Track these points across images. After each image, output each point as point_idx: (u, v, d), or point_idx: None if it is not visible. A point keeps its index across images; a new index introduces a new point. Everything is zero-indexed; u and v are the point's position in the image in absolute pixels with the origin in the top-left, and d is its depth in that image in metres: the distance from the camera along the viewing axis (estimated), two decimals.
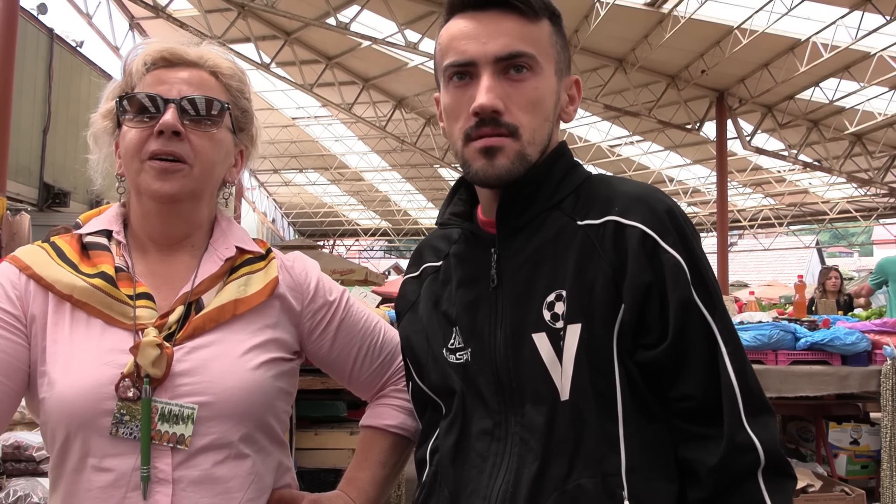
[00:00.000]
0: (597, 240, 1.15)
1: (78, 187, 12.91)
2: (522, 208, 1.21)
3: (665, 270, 1.11)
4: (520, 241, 1.21)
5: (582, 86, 1.30)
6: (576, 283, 1.14)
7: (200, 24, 15.58)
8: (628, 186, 1.20)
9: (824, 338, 3.81)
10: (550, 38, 1.21)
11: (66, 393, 1.16)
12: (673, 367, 1.11)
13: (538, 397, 1.14)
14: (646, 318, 1.11)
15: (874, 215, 27.03)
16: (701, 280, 1.12)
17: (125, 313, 1.21)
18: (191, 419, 1.17)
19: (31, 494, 2.23)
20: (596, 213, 1.17)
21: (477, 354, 1.20)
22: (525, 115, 1.17)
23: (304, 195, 33.26)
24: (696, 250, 1.14)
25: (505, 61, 1.16)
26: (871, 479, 4.18)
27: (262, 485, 1.25)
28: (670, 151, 23.54)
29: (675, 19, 14.04)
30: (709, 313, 1.11)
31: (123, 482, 1.15)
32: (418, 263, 1.39)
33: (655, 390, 1.13)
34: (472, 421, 1.21)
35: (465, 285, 1.25)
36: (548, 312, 1.15)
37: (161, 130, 1.22)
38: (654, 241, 1.12)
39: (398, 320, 1.41)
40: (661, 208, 1.15)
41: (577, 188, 1.22)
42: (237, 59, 1.39)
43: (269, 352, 1.27)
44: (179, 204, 1.28)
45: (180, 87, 1.26)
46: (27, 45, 11.19)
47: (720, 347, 1.11)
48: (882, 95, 17.30)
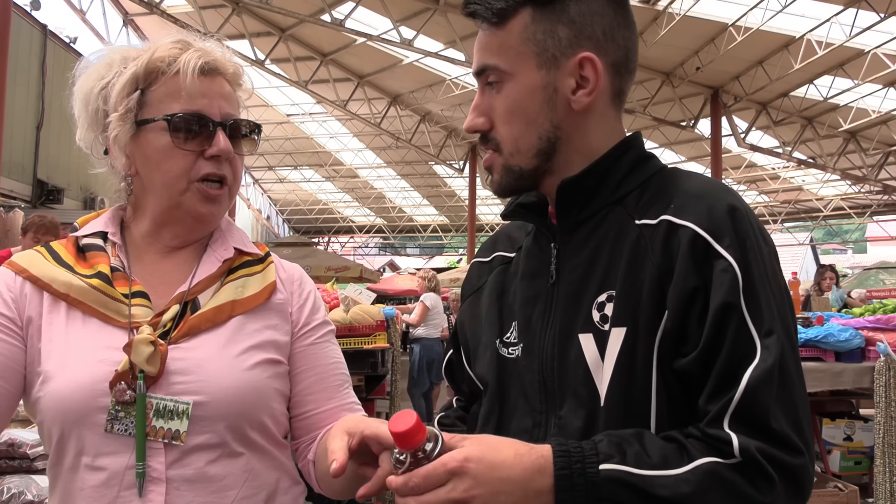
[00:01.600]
0: (650, 240, 1.07)
1: (71, 184, 12.87)
2: (584, 202, 1.16)
3: (714, 274, 1.01)
4: (580, 237, 1.16)
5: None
6: (625, 284, 1.07)
7: (195, 20, 15.52)
8: (692, 183, 1.12)
9: (818, 334, 3.82)
10: (524, 32, 1.13)
11: (61, 390, 1.16)
12: (700, 378, 1.02)
13: (578, 400, 1.09)
14: (687, 324, 1.02)
15: (868, 212, 27.12)
16: (753, 288, 1.01)
17: (120, 311, 1.21)
18: (186, 414, 1.17)
19: (25, 492, 2.22)
20: (654, 211, 1.10)
21: (527, 351, 1.17)
22: (504, 126, 1.16)
23: (298, 192, 33.21)
24: (756, 255, 1.03)
25: (480, 76, 1.18)
26: (864, 476, 4.20)
27: (258, 482, 1.24)
28: (665, 149, 23.55)
29: (670, 16, 14.06)
30: (754, 325, 1.00)
31: (116, 481, 1.14)
32: (492, 250, 1.36)
33: (692, 402, 1.04)
34: (513, 418, 1.18)
35: (528, 279, 1.22)
36: (597, 313, 1.10)
37: (215, 155, 1.24)
38: (705, 243, 1.03)
39: (462, 302, 1.38)
40: (721, 207, 1.05)
41: (645, 182, 1.15)
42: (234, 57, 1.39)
43: (265, 352, 1.27)
44: (214, 221, 1.32)
45: (220, 102, 1.27)
46: (20, 42, 11.15)
47: (751, 364, 0.99)
48: (876, 93, 17.34)
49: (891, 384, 3.63)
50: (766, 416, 0.98)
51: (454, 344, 1.38)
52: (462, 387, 1.38)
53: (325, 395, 1.35)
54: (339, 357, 1.41)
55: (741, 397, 0.98)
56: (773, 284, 1.05)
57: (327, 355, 1.38)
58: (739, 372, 0.99)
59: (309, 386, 1.34)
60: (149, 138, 1.24)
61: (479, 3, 1.15)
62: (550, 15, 1.13)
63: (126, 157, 1.27)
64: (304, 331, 1.36)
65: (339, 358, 1.41)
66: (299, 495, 1.34)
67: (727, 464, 0.97)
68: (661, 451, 0.99)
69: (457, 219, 33.34)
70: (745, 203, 1.08)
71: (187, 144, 1.23)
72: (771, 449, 0.97)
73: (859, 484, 3.94)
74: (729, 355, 1.00)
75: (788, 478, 0.98)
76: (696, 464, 0.97)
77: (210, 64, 1.26)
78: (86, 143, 1.32)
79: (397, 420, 0.95)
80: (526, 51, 1.13)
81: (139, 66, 1.24)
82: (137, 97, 1.24)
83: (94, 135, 1.30)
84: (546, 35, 1.13)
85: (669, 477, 0.96)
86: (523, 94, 1.14)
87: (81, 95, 1.30)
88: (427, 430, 0.96)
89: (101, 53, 1.32)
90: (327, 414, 1.34)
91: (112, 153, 1.28)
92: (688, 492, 0.96)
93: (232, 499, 1.20)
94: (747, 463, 0.97)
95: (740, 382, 0.98)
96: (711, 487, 0.96)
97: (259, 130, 1.34)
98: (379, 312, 4.84)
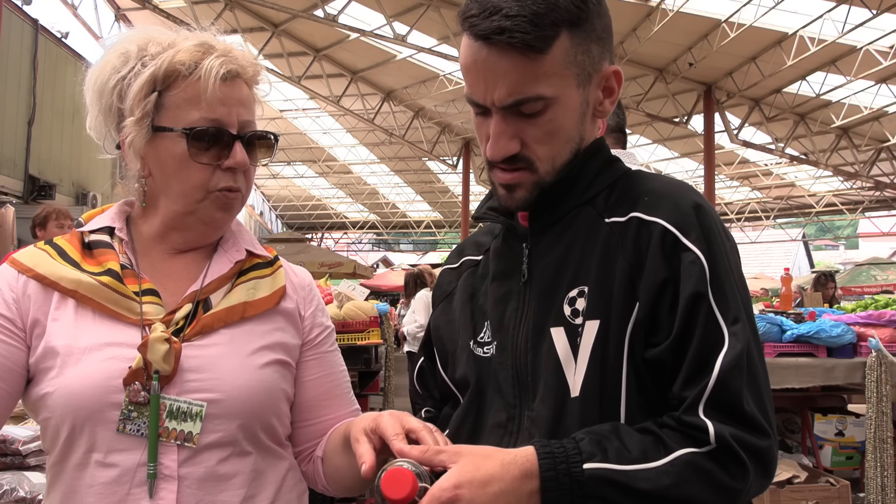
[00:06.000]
0: (620, 236, 1.13)
1: (63, 179, 12.81)
2: (555, 204, 1.19)
3: (682, 266, 1.07)
4: (551, 237, 1.20)
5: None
6: (597, 279, 1.12)
7: (187, 15, 15.46)
8: (658, 183, 1.17)
9: (810, 330, 3.83)
10: (566, 56, 1.10)
11: (73, 386, 1.15)
12: (673, 366, 1.07)
13: (549, 392, 1.13)
14: (658, 315, 1.08)
15: (860, 208, 27.22)
16: (719, 279, 1.07)
17: (132, 309, 1.21)
18: (199, 416, 1.17)
19: (18, 488, 2.21)
20: (623, 210, 1.15)
21: (501, 348, 1.20)
22: (542, 146, 1.14)
23: (292, 188, 33.15)
24: (720, 248, 1.09)
25: (514, 107, 1.11)
26: (855, 470, 4.22)
27: (263, 481, 1.25)
28: (658, 145, 23.60)
29: (664, 12, 14.06)
30: (721, 314, 1.06)
31: (127, 478, 1.14)
32: (460, 256, 1.39)
33: (662, 390, 1.09)
34: (489, 414, 1.20)
35: (499, 279, 1.25)
36: (568, 308, 1.14)
37: (232, 167, 1.24)
38: (674, 238, 1.09)
39: (433, 309, 1.40)
40: (687, 204, 1.11)
41: (613, 184, 1.20)
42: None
43: (275, 353, 1.27)
44: (225, 226, 1.32)
45: (238, 110, 1.25)
46: (11, 36, 11.08)
47: (721, 351, 1.04)
48: (868, 89, 17.42)
49: (882, 379, 3.65)
50: (738, 401, 1.03)
51: (426, 351, 1.41)
52: (434, 393, 1.40)
53: (339, 402, 1.39)
54: (343, 363, 1.44)
55: (715, 383, 1.03)
56: (736, 275, 1.11)
57: (338, 362, 1.42)
58: (711, 359, 1.04)
59: (325, 392, 1.37)
60: (165, 144, 1.23)
61: (518, 32, 1.06)
62: (584, 34, 1.12)
63: (141, 159, 1.25)
64: (319, 338, 1.38)
65: (344, 364, 1.44)
66: (303, 493, 1.35)
67: (702, 452, 1.02)
68: (639, 445, 1.03)
69: (450, 215, 33.34)
70: (707, 201, 1.15)
71: (204, 157, 1.22)
72: (742, 434, 1.02)
73: (851, 479, 3.97)
74: (700, 343, 1.05)
75: (758, 459, 1.04)
76: (674, 455, 1.02)
77: (232, 72, 1.23)
78: (97, 133, 1.29)
79: (392, 484, 0.97)
80: (569, 73, 1.12)
81: (158, 68, 1.20)
82: (155, 99, 1.21)
83: (107, 129, 1.28)
84: (584, 55, 1.13)
85: (650, 470, 1.01)
86: (566, 116, 1.14)
87: (96, 86, 1.26)
88: (415, 479, 0.97)
89: (117, 39, 1.28)
90: (338, 419, 1.37)
91: (126, 155, 1.26)
92: (668, 483, 1.00)
93: (240, 498, 1.20)
94: (721, 449, 1.02)
95: (713, 369, 1.04)
96: (690, 477, 1.01)
97: (276, 140, 1.33)
98: (372, 308, 4.84)
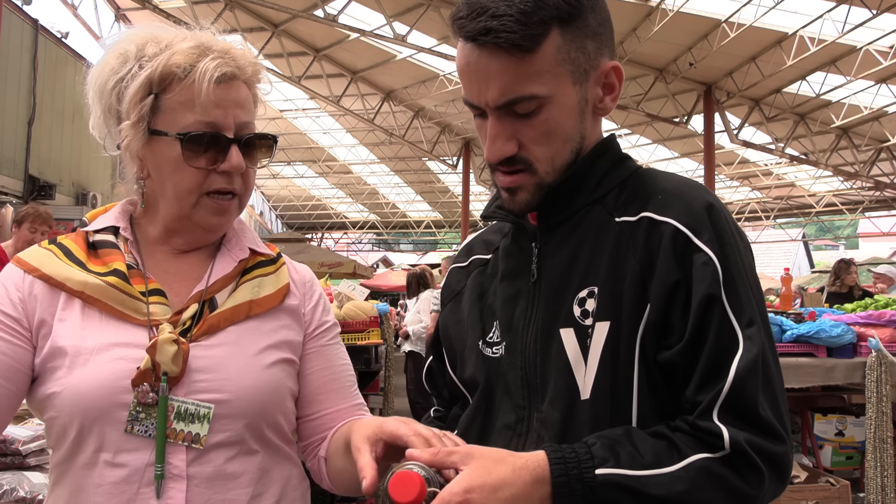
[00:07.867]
0: (631, 236, 1.11)
1: (63, 179, 12.80)
2: (564, 203, 1.18)
3: (694, 268, 1.05)
4: (560, 236, 1.18)
5: None
6: (608, 280, 1.10)
7: (187, 15, 15.46)
8: (670, 182, 1.15)
9: (810, 330, 3.83)
10: (559, 53, 1.08)
11: (81, 386, 1.15)
12: (686, 369, 1.05)
13: (558, 394, 1.11)
14: (670, 317, 1.05)
15: (860, 208, 27.21)
16: (733, 281, 1.05)
17: (138, 309, 1.21)
18: (207, 418, 1.17)
19: (18, 488, 2.21)
20: (634, 209, 1.13)
21: (510, 349, 1.19)
22: (539, 147, 1.12)
23: (292, 188, 33.14)
24: (733, 249, 1.08)
25: (507, 107, 1.10)
26: (855, 470, 4.22)
27: (271, 480, 1.26)
28: (658, 145, 23.59)
29: (664, 12, 14.06)
30: (735, 316, 1.04)
31: (136, 477, 1.15)
32: (468, 255, 1.37)
33: (674, 393, 1.07)
34: (498, 416, 1.19)
35: (508, 279, 1.24)
36: (578, 308, 1.12)
37: (226, 171, 1.23)
38: (686, 238, 1.06)
39: (442, 308, 1.39)
40: (700, 204, 1.09)
41: (623, 182, 1.18)
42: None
43: (280, 352, 1.28)
44: (222, 230, 1.32)
45: (235, 112, 1.23)
46: (11, 36, 11.07)
47: (736, 355, 1.02)
48: (868, 89, 17.41)
49: (882, 379, 3.65)
50: (753, 406, 1.01)
51: (435, 350, 1.40)
52: (443, 392, 1.40)
53: (338, 395, 1.37)
54: (347, 358, 1.43)
55: (730, 388, 1.01)
56: (750, 277, 1.09)
57: (339, 356, 1.40)
58: (726, 363, 1.02)
59: (323, 385, 1.36)
60: (161, 147, 1.22)
61: (504, 31, 1.04)
62: (577, 30, 1.10)
63: (139, 161, 1.25)
64: (318, 332, 1.37)
65: (348, 359, 1.43)
66: (306, 491, 1.35)
67: (717, 458, 1.00)
68: (653, 450, 1.01)
69: (450, 214, 33.34)
70: (720, 201, 1.13)
71: (199, 161, 1.21)
72: (758, 439, 1.00)
73: (851, 479, 3.96)
74: (714, 346, 1.03)
75: (774, 465, 1.01)
76: (688, 461, 1.00)
77: (228, 74, 1.21)
78: (99, 134, 1.29)
79: (400, 488, 0.95)
80: (562, 71, 1.10)
81: (154, 70, 1.20)
82: (151, 102, 1.21)
83: (109, 129, 1.28)
84: (578, 52, 1.11)
85: (663, 475, 0.99)
86: (562, 115, 1.12)
87: (96, 87, 1.26)
88: (424, 482, 0.95)
89: (117, 38, 1.28)
90: (339, 413, 1.36)
91: (124, 157, 1.26)
92: (682, 489, 0.98)
93: (248, 496, 1.21)
94: (736, 455, 1.00)
95: (728, 373, 1.02)
96: (704, 484, 0.99)
97: (275, 142, 1.31)
98: (372, 308, 4.84)
